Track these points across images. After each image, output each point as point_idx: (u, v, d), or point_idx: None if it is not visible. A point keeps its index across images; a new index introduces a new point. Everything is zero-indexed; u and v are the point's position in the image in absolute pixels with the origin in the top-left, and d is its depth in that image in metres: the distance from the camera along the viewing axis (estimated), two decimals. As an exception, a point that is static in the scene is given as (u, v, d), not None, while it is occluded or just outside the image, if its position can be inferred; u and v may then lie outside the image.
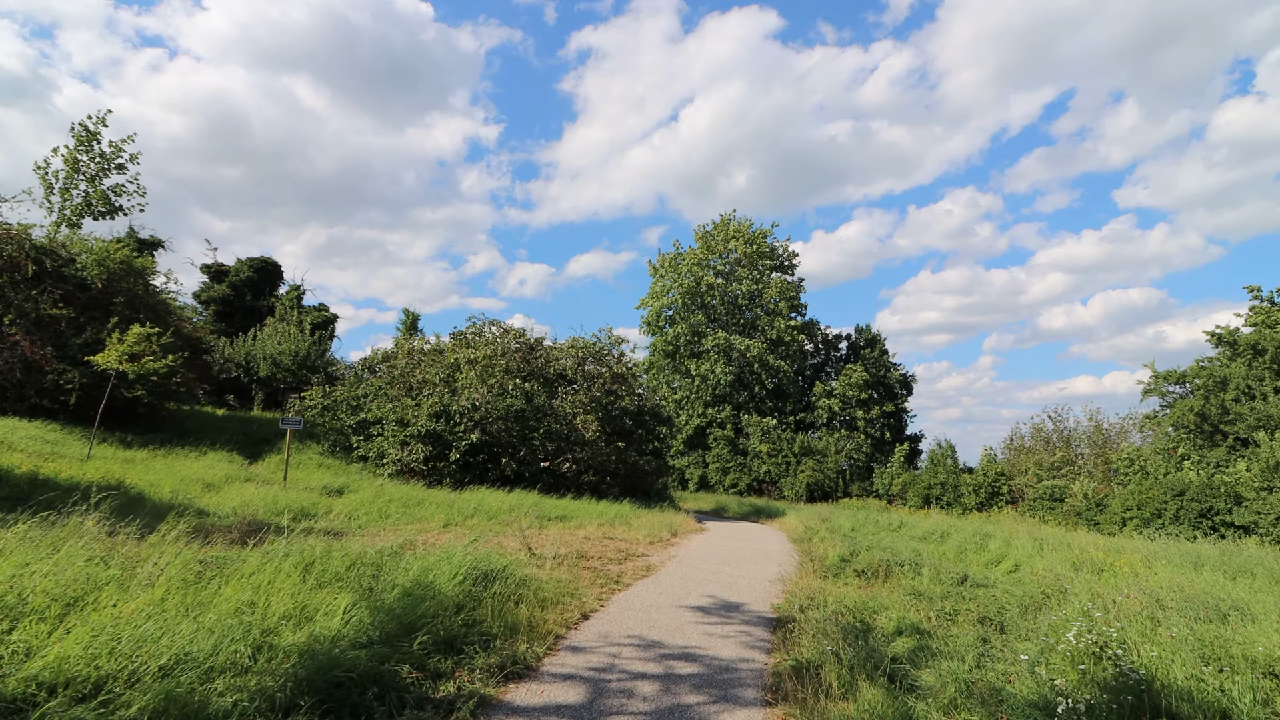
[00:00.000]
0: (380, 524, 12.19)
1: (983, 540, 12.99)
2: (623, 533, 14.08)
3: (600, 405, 21.11)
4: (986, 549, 12.01)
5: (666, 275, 49.59)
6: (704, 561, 10.72)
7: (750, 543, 13.99)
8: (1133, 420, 41.57)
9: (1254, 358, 30.77)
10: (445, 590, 6.23)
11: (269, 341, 28.21)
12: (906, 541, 13.39)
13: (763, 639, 6.36)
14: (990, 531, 14.41)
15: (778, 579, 9.25)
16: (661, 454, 24.77)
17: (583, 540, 12.16)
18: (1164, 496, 27.30)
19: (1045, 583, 8.17)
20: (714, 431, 45.51)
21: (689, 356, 47.85)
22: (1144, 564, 11.00)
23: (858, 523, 16.66)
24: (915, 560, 9.62)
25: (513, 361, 21.01)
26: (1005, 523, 20.43)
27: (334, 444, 21.15)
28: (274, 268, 40.13)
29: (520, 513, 15.05)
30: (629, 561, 10.21)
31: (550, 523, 14.57)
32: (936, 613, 7.14)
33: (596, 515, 16.42)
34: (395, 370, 21.66)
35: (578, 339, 22.59)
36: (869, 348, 51.18)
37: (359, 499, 14.31)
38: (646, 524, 16.05)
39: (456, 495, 16.28)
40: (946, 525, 16.29)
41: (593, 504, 18.13)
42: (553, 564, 9.03)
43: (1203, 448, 29.25)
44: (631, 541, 12.72)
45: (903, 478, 42.22)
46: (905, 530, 15.33)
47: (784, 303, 47.85)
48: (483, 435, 18.96)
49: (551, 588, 7.40)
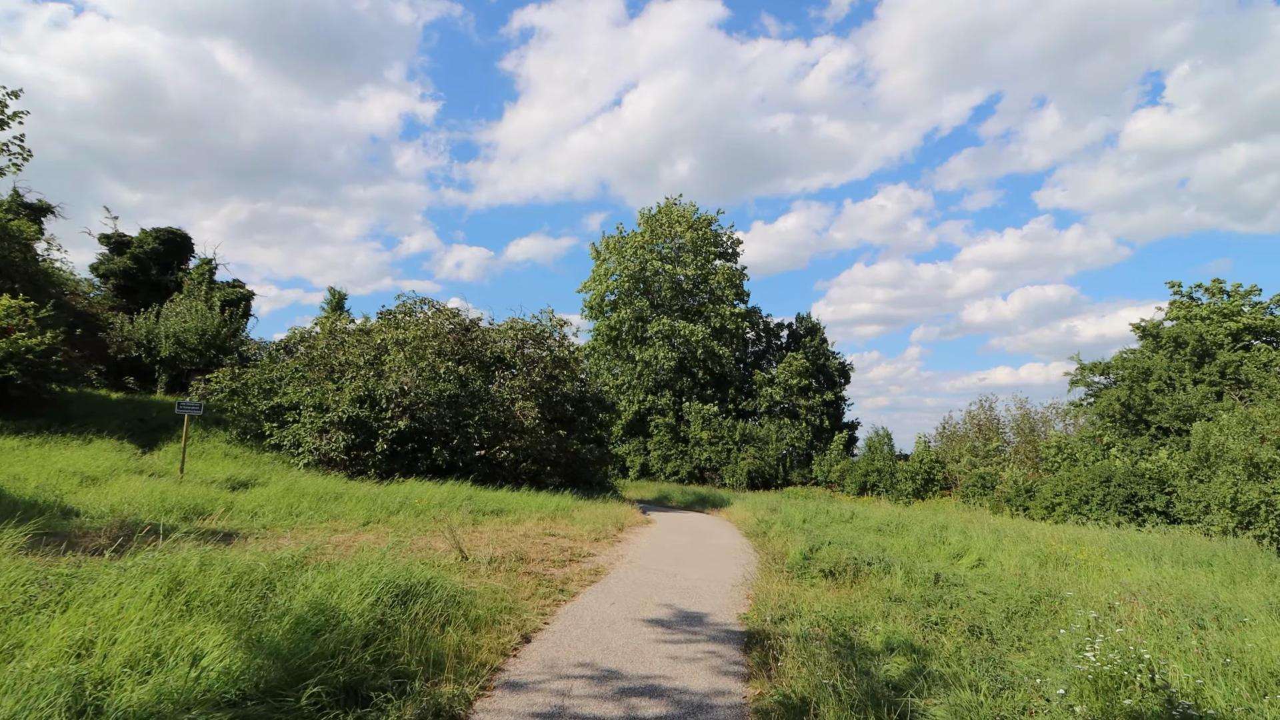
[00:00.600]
0: (288, 523, 10.73)
1: (940, 532, 12.56)
2: (565, 528, 13.01)
3: (540, 391, 19.89)
4: (946, 542, 11.54)
5: (610, 258, 48.41)
6: (656, 561, 9.78)
7: (702, 537, 13.16)
8: (1056, 410, 43.09)
9: (1175, 350, 32.08)
10: (353, 615, 5.04)
11: (173, 319, 25.65)
12: (863, 534, 12.84)
13: (736, 661, 5.44)
14: (944, 522, 14.05)
15: (740, 582, 8.39)
16: (604, 442, 23.75)
17: (521, 538, 11.03)
18: (1092, 483, 28.09)
19: (1029, 584, 7.56)
20: (655, 418, 44.82)
21: (632, 342, 46.92)
22: (1103, 556, 10.70)
23: (809, 513, 16.12)
24: (882, 558, 8.94)
25: (446, 343, 19.53)
26: (950, 511, 20.37)
27: (244, 431, 19.22)
28: (183, 240, 36.91)
29: (453, 507, 13.77)
30: (574, 563, 9.17)
31: (486, 518, 13.36)
32: (921, 621, 6.39)
33: (536, 508, 15.28)
34: (315, 352, 19.84)
35: (517, 320, 21.25)
36: (809, 336, 51.43)
37: (267, 494, 12.73)
38: (590, 517, 15.02)
39: (381, 488, 14.84)
40: (898, 516, 15.93)
41: (532, 496, 16.97)
42: (488, 570, 7.90)
43: (1127, 436, 30.32)
44: (575, 538, 11.67)
45: (841, 465, 42.60)
46: (858, 521, 14.85)
47: (730, 290, 47.44)
48: (412, 422, 17.49)
49: (486, 602, 6.29)
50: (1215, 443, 19.21)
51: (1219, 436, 19.38)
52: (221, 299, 30.60)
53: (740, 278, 49.14)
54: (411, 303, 21.49)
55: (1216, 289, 35.68)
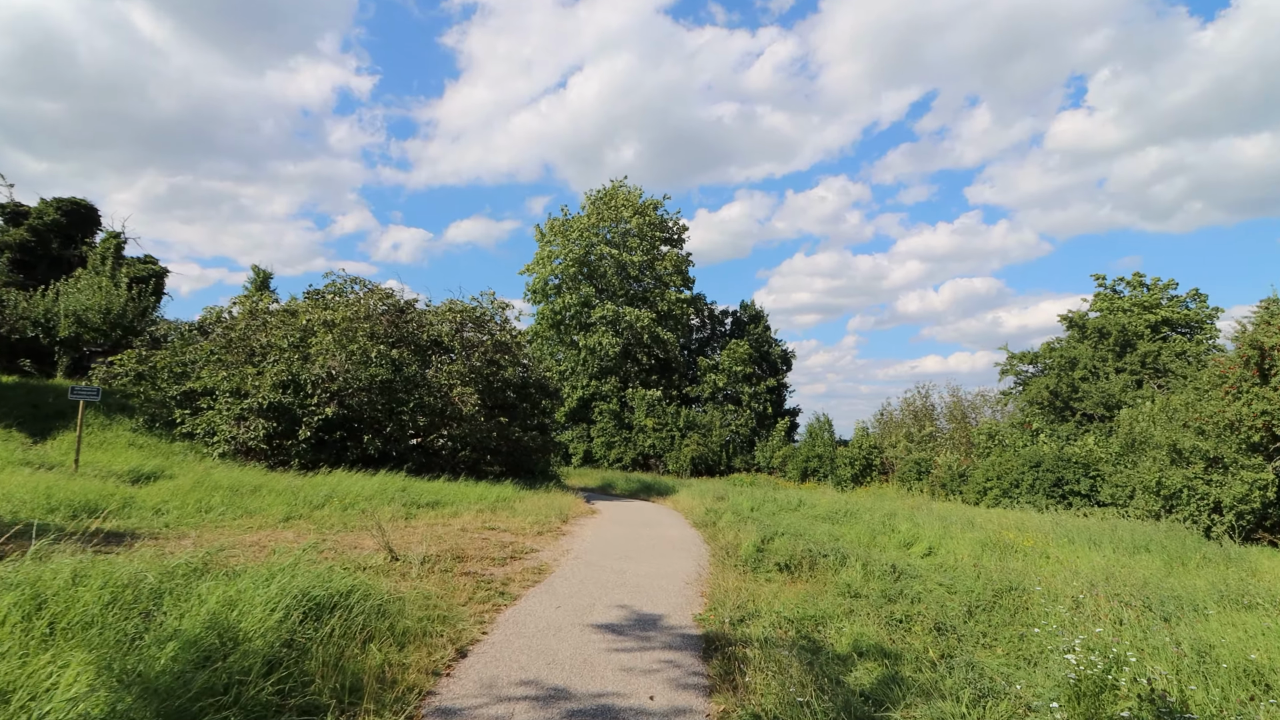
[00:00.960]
0: (196, 521, 9.72)
1: (889, 520, 12.47)
2: (506, 520, 12.34)
3: (481, 376, 19.01)
4: (895, 530, 11.43)
5: (555, 241, 47.34)
6: (604, 556, 9.25)
7: (650, 528, 12.71)
8: (985, 397, 44.63)
9: (1099, 340, 33.48)
10: (254, 636, 4.31)
11: (74, 296, 23.48)
12: (813, 523, 12.63)
13: (696, 671, 4.96)
14: (891, 510, 14.02)
15: (693, 578, 7.94)
16: (547, 429, 23.03)
17: (459, 533, 10.32)
18: (1022, 468, 29.03)
19: (989, 576, 7.35)
20: (600, 405, 44.25)
21: (576, 328, 46.11)
22: (1048, 542, 10.75)
23: (756, 501, 15.90)
24: (837, 549, 8.65)
25: (379, 325, 18.41)
26: (893, 497, 20.57)
27: (153, 419, 17.69)
28: (88, 211, 34.09)
29: (384, 500, 12.91)
30: (516, 561, 8.54)
31: (421, 511, 12.55)
32: (885, 619, 6.07)
33: (475, 499, 14.53)
34: (234, 333, 18.39)
35: (455, 302, 20.18)
36: (753, 324, 51.68)
37: (174, 487, 11.58)
38: (533, 508, 14.37)
39: (306, 480, 13.80)
40: (844, 503, 15.88)
41: (471, 486, 16.17)
42: (421, 571, 7.20)
43: (1054, 422, 31.50)
44: (517, 532, 11.02)
45: (783, 451, 43.04)
46: (806, 510, 14.71)
47: (676, 276, 47.10)
48: (341, 409, 16.39)
49: (417, 610, 5.63)
50: (1141, 430, 19.96)
51: (1144, 424, 20.15)
52: (131, 276, 28.32)
53: (686, 264, 48.90)
54: (342, 282, 20.21)
55: (1137, 282, 37.40)
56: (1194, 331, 35.30)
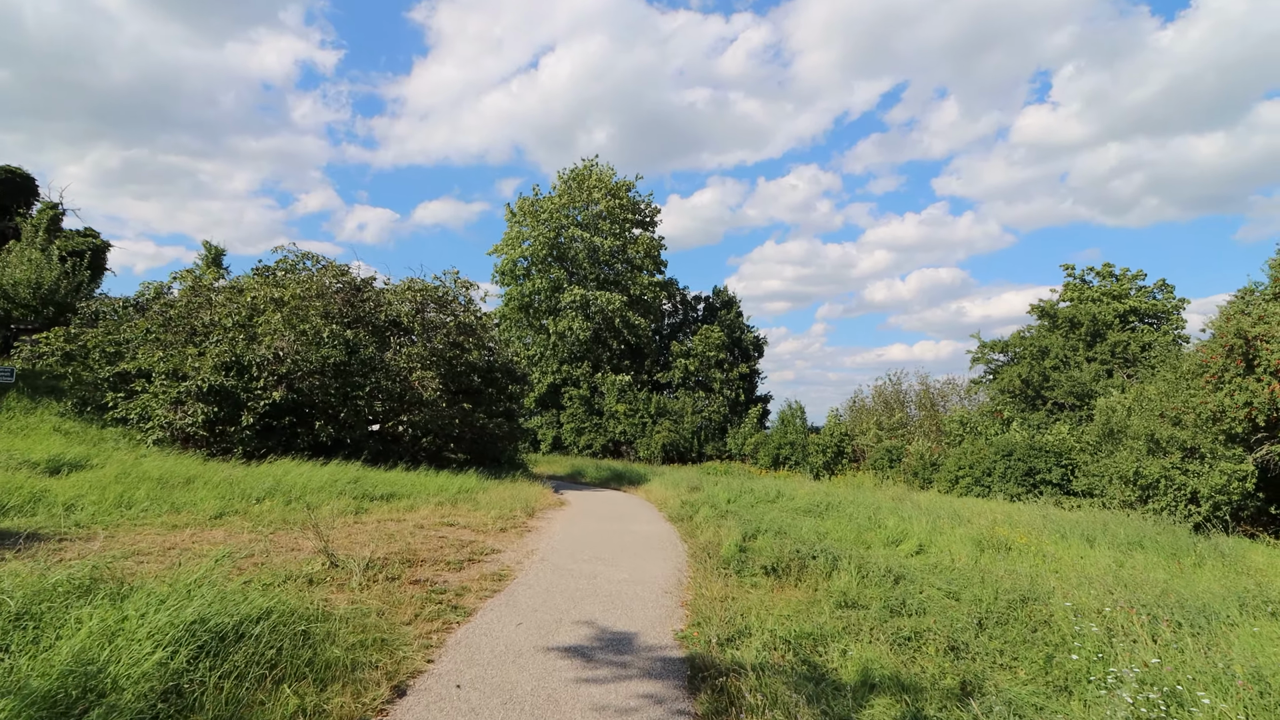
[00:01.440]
0: (114, 519, 8.63)
1: (874, 515, 11.87)
2: (467, 515, 11.43)
3: (443, 360, 17.94)
4: (881, 525, 10.81)
5: (525, 221, 45.99)
6: (572, 558, 8.42)
7: (623, 522, 11.91)
8: (953, 385, 44.77)
9: (1070, 330, 33.54)
10: (126, 684, 3.40)
11: (3, 271, 21.72)
12: (794, 518, 11.97)
13: (682, 711, 4.17)
14: (874, 502, 13.44)
15: (672, 583, 7.16)
16: (514, 416, 22.05)
17: (413, 531, 9.39)
18: (994, 456, 28.96)
19: (1001, 584, 6.70)
20: (569, 390, 43.32)
21: (546, 312, 44.97)
22: (1042, 538, 10.23)
23: (733, 493, 15.22)
24: (826, 550, 7.94)
25: (333, 304, 17.20)
26: (870, 487, 20.11)
27: (83, 402, 16.29)
28: (24, 181, 31.86)
29: (334, 492, 11.89)
30: (474, 564, 7.67)
31: (374, 504, 11.56)
32: (891, 637, 5.36)
33: (435, 491, 13.58)
34: (173, 310, 17.03)
35: (415, 281, 18.98)
36: (725, 309, 51.07)
37: (95, 479, 10.41)
38: (497, 500, 13.47)
39: (248, 470, 12.69)
40: (823, 494, 15.29)
41: (431, 476, 15.20)
42: (362, 580, 6.29)
43: (1025, 411, 31.51)
44: (478, 529, 10.13)
45: (755, 438, 42.64)
46: (784, 502, 14.07)
47: (648, 260, 46.13)
48: (289, 393, 15.23)
49: (350, 634, 4.74)
50: (1118, 420, 19.76)
51: (1121, 414, 19.95)
52: (68, 249, 26.46)
53: (658, 247, 47.98)
54: (294, 258, 18.90)
55: (1106, 272, 37.58)
56: (1160, 321, 35.62)
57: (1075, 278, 38.83)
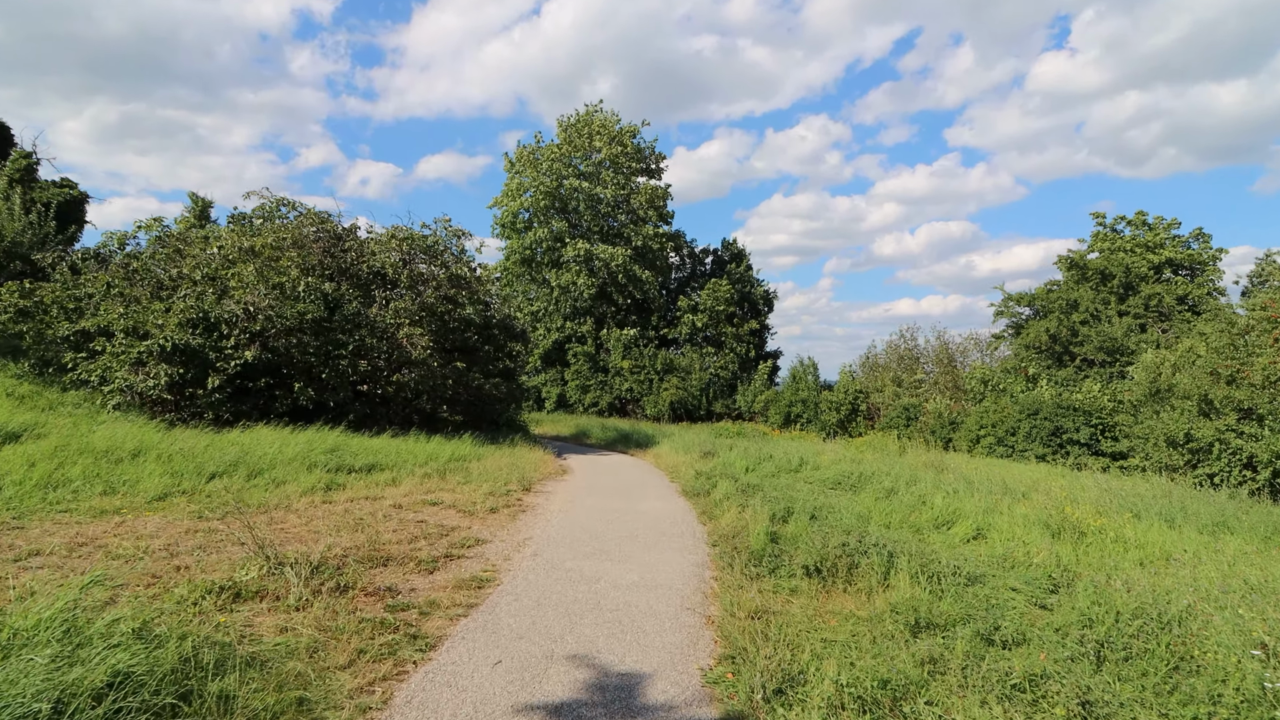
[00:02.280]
0: (34, 502, 7.34)
1: (912, 487, 10.51)
2: (455, 490, 10.14)
3: (434, 315, 16.48)
4: (927, 502, 9.46)
5: (525, 171, 43.90)
6: (572, 551, 7.10)
7: (630, 498, 10.59)
8: (974, 341, 43.12)
9: (1101, 282, 31.72)
10: None
11: (-35, 221, 20.18)
12: (824, 492, 10.63)
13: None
14: (909, 472, 12.09)
15: (693, 589, 5.84)
16: (514, 375, 20.68)
17: (388, 513, 8.09)
18: (1018, 415, 27.60)
19: (1117, 597, 5.33)
20: (574, 347, 41.92)
21: (548, 265, 43.23)
22: (1108, 515, 8.86)
23: (750, 460, 13.90)
24: (878, 544, 6.59)
25: (312, 255, 15.67)
26: (893, 450, 18.77)
27: (42, 363, 14.99)
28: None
29: (308, 464, 10.60)
30: (453, 562, 6.35)
31: (349, 479, 10.27)
32: (998, 687, 4.00)
33: (423, 460, 12.30)
34: (137, 262, 15.56)
35: (400, 229, 17.28)
36: (735, 263, 49.18)
37: (30, 452, 9.12)
38: (491, 470, 12.19)
39: (213, 439, 11.39)
40: (850, 461, 13.92)
41: (420, 443, 13.92)
42: (304, 592, 4.97)
43: (1051, 368, 29.97)
44: (465, 509, 8.83)
45: (765, 395, 41.32)
46: (809, 472, 12.73)
47: (652, 210, 44.03)
48: (264, 352, 13.85)
49: (255, 693, 3.41)
50: (1165, 377, 18.25)
51: (1168, 371, 18.42)
52: (41, 200, 24.85)
53: (664, 197, 45.86)
54: (270, 205, 17.29)
55: (1139, 221, 35.52)
56: (1196, 273, 33.73)
57: (1105, 227, 36.78)
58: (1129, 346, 28.25)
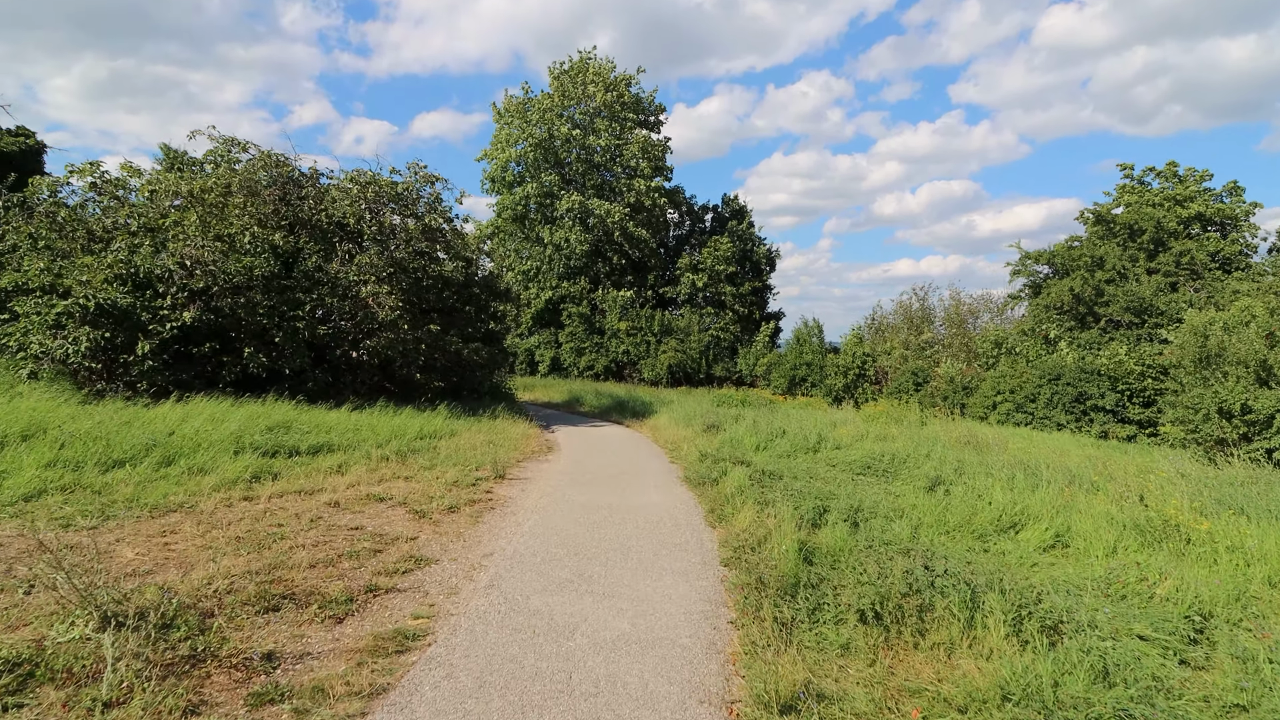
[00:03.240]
0: None
1: (961, 474, 8.88)
2: (412, 479, 8.51)
3: (405, 271, 14.65)
4: (985, 497, 7.83)
5: (514, 122, 41.35)
6: (542, 579, 5.47)
7: (624, 490, 8.95)
8: (986, 301, 41.29)
9: (1129, 238, 29.77)
10: None
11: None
12: (853, 480, 8.98)
13: None
14: (946, 453, 10.43)
15: (704, 644, 4.22)
16: (498, 338, 18.91)
17: (316, 515, 6.45)
18: (1038, 380, 26.00)
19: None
20: (568, 308, 40.06)
21: (541, 221, 41.02)
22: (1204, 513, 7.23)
23: (761, 436, 12.23)
24: (950, 569, 4.97)
25: (264, 204, 13.77)
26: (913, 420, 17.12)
27: (-43, 326, 13.22)
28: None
29: (241, 446, 8.93)
30: (373, 601, 4.71)
31: (288, 465, 8.61)
32: None
33: (387, 437, 10.65)
34: (66, 211, 13.66)
35: (362, 173, 15.21)
36: (736, 220, 46.92)
37: (-113, 437, 7.45)
38: (464, 450, 10.54)
39: (137, 414, 9.71)
40: (878, 439, 12.23)
41: (387, 416, 12.26)
42: (124, 673, 3.33)
43: (1073, 329, 28.27)
44: (417, 506, 7.18)
45: (767, 358, 39.63)
46: (831, 451, 11.03)
47: (646, 162, 41.50)
48: (206, 313, 12.09)
49: None
50: (1215, 341, 16.55)
51: (1218, 335, 16.72)
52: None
53: (662, 150, 43.37)
54: (219, 145, 15.27)
55: (1170, 173, 33.39)
56: (1228, 228, 31.78)
57: (1133, 179, 34.63)
58: (1158, 306, 26.50)
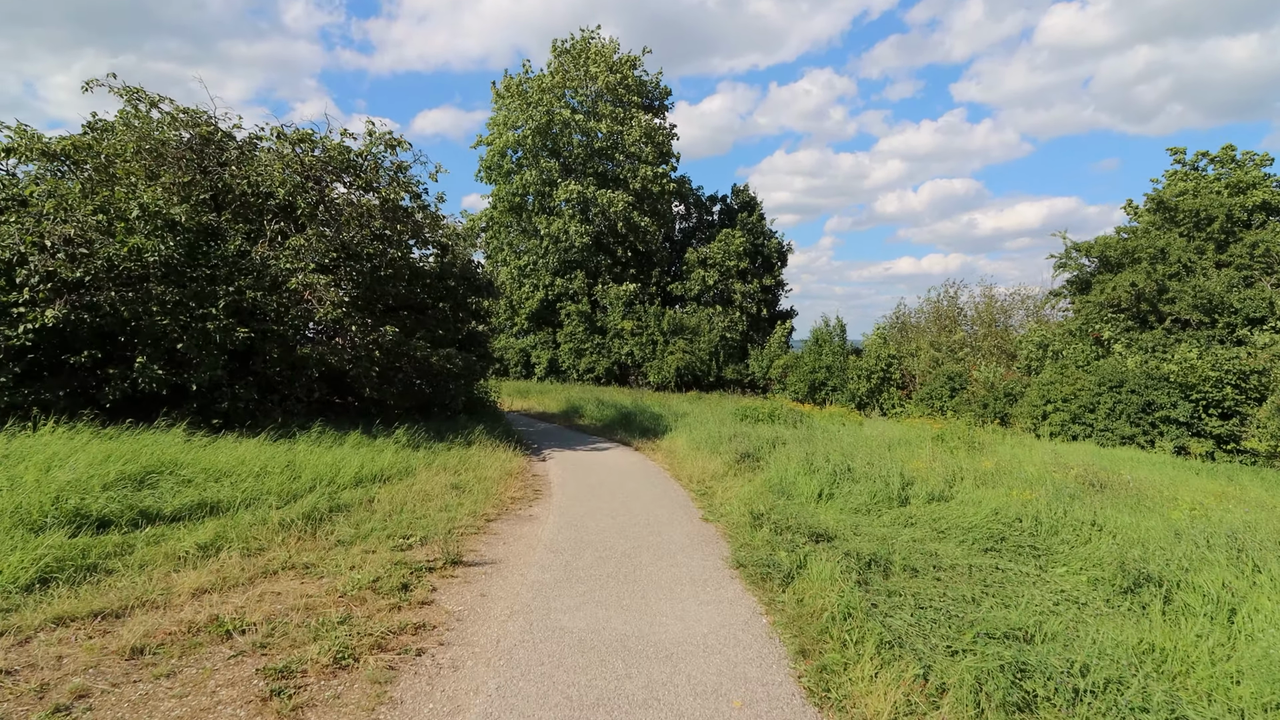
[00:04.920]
0: None
1: (1165, 559, 5.81)
2: (304, 577, 5.47)
3: (357, 259, 11.60)
4: (1246, 627, 4.79)
5: (513, 105, 38.26)
6: None
7: (646, 590, 5.81)
8: (1020, 297, 38.10)
9: (1194, 229, 26.67)
10: None
11: None
12: (994, 570, 5.88)
13: None
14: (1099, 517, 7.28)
15: None
16: (482, 340, 15.82)
17: (56, 708, 3.44)
18: (1097, 388, 22.95)
19: None
20: (566, 305, 36.97)
21: (539, 212, 37.93)
22: None
23: (819, 473, 9.08)
24: None
25: (176, 170, 10.69)
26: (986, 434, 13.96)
27: None
28: None
29: (63, 512, 5.86)
30: None
31: (124, 545, 5.54)
32: None
33: (306, 486, 7.58)
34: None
35: (301, 131, 12.06)
36: (746, 212, 43.75)
37: None
38: (406, 510, 7.45)
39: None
40: (977, 482, 9.07)
41: (322, 448, 9.17)
42: None
43: (1132, 330, 25.19)
44: (280, 654, 4.11)
45: (782, 360, 36.49)
46: (923, 507, 7.81)
47: (651, 148, 38.33)
48: (76, 311, 9.02)
49: None
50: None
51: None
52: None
53: (668, 136, 40.22)
54: (128, 100, 12.11)
55: (1226, 157, 30.29)
56: (1295, 218, 28.65)
57: (1185, 164, 31.54)
58: (1232, 304, 23.43)
